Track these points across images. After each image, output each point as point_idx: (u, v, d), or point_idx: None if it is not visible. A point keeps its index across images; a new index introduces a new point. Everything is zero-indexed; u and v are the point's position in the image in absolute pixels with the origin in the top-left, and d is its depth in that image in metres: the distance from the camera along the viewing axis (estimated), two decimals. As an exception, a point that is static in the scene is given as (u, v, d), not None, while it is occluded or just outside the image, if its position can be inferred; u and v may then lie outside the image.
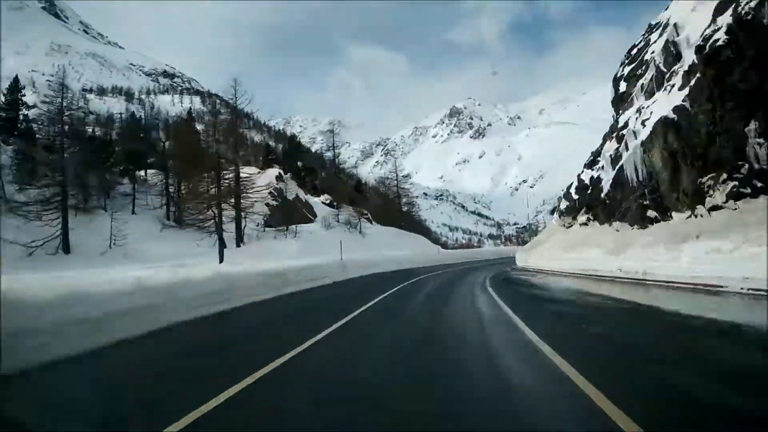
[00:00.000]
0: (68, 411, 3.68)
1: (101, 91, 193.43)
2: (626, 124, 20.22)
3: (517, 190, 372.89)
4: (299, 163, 65.97)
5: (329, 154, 75.70)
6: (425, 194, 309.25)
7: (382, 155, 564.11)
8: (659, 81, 18.25)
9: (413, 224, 69.01)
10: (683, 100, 14.74)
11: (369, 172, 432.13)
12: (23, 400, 3.94)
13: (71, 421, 3.38)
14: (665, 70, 17.89)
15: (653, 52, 19.88)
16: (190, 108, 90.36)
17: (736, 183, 12.65)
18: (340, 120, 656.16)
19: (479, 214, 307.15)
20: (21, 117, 39.96)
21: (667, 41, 17.97)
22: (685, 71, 15.55)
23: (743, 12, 12.74)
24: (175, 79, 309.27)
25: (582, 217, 23.23)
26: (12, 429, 2.97)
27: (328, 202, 57.12)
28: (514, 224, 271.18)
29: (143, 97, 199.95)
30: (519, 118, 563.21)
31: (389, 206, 67.96)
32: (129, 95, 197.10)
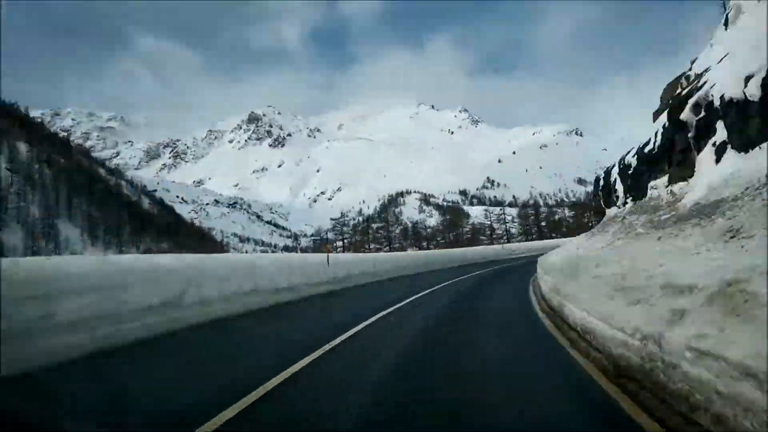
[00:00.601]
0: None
1: None
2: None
3: (315, 201, 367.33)
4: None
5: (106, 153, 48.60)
6: (217, 201, 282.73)
7: (170, 157, 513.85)
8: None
9: None
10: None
11: (154, 175, 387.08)
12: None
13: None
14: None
15: None
16: None
17: None
18: (123, 116, 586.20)
19: (276, 225, 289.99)
20: None
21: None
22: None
23: None
24: None
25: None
26: None
27: None
28: (311, 236, 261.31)
29: None
30: (319, 130, 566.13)
31: None
32: None
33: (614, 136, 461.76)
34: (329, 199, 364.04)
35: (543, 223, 70.57)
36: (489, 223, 66.46)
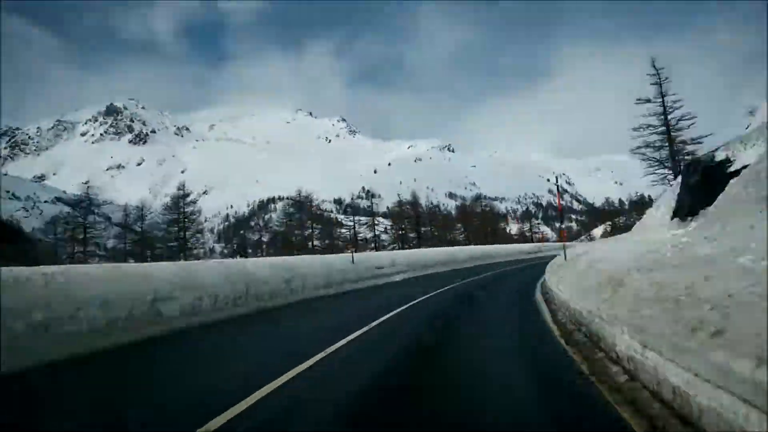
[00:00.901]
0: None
1: None
2: None
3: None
4: None
5: None
6: (58, 199, 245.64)
7: (6, 147, 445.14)
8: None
9: None
10: None
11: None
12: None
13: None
14: None
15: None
16: None
17: None
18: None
19: (129, 228, 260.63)
20: None
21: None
22: None
23: None
24: None
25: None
26: None
27: None
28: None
29: None
30: (187, 129, 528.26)
31: None
32: None
33: (483, 154, 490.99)
34: (194, 201, 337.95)
35: (424, 229, 61.39)
36: (353, 224, 58.73)
